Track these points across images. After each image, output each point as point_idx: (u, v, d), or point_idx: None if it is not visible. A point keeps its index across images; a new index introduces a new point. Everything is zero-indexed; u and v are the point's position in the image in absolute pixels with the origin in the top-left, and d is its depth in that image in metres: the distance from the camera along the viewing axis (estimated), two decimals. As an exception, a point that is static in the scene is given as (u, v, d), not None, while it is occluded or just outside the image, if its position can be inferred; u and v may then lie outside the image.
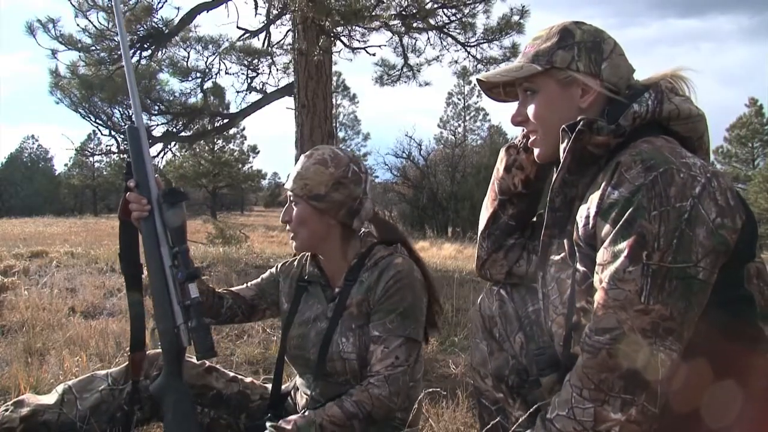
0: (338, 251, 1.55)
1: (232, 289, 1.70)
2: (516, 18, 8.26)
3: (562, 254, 1.13)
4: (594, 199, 1.03)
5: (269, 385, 1.69)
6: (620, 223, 0.96)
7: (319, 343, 1.51)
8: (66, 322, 3.35)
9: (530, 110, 1.17)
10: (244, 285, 1.73)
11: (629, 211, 0.95)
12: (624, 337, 0.93)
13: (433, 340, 2.92)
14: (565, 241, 1.12)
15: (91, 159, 39.78)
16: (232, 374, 1.70)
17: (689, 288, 0.93)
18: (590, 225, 1.03)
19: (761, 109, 32.84)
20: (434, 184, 21.72)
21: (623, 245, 0.95)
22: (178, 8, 11.17)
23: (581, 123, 1.05)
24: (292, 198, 1.51)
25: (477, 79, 1.24)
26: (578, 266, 1.06)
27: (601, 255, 0.99)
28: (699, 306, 0.95)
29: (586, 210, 1.04)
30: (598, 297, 0.97)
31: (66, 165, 44.28)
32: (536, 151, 1.20)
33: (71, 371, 2.32)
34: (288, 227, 1.53)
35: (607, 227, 0.98)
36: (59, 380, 2.22)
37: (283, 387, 1.69)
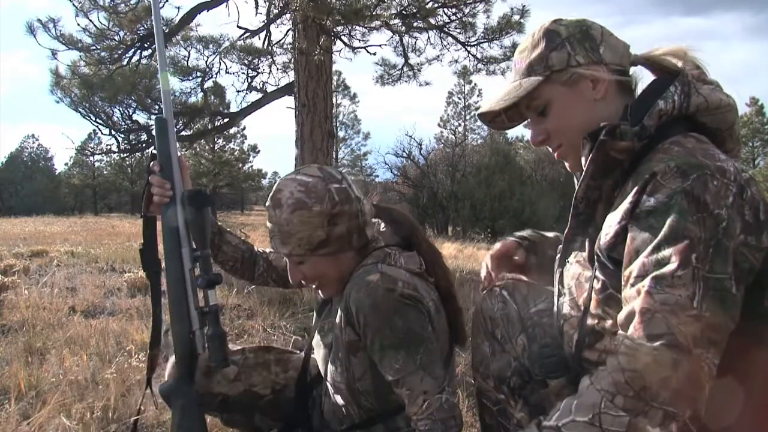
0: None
1: (269, 255, 1.61)
2: (516, 18, 8.26)
3: (584, 254, 1.08)
4: (623, 208, 0.96)
5: (278, 369, 1.58)
6: (662, 230, 0.89)
7: (324, 364, 1.42)
8: (66, 322, 3.35)
9: (548, 125, 1.10)
10: None
11: (672, 215, 0.88)
12: (676, 343, 0.83)
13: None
14: (587, 241, 1.08)
15: (91, 158, 39.87)
16: (233, 371, 1.56)
17: (724, 301, 0.86)
18: (614, 234, 0.97)
19: (762, 108, 32.83)
20: (434, 184, 21.71)
21: (669, 251, 0.87)
22: (179, 8, 11.21)
23: (603, 131, 0.98)
24: (295, 260, 1.32)
25: (478, 116, 1.17)
26: (597, 274, 1.01)
27: (640, 265, 0.90)
28: (733, 321, 0.88)
29: (613, 220, 0.98)
30: (641, 302, 0.88)
31: (66, 164, 44.45)
32: (567, 164, 1.14)
33: (71, 370, 2.32)
34: (304, 283, 1.36)
35: (643, 235, 0.91)
36: (60, 380, 2.22)
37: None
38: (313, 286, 1.36)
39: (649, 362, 0.84)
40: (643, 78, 1.10)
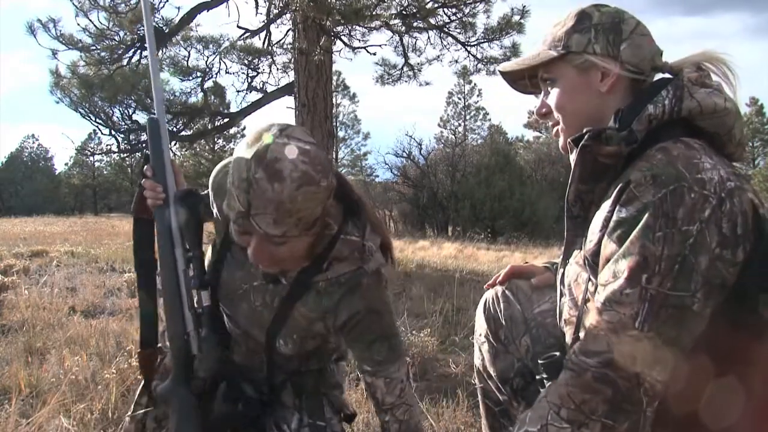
0: (309, 243, 1.20)
1: None
2: (516, 18, 8.28)
3: (582, 254, 1.09)
4: (601, 215, 0.98)
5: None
6: (625, 243, 0.91)
7: (254, 324, 1.32)
8: (66, 322, 3.34)
9: (550, 100, 1.11)
10: None
11: (635, 230, 0.90)
12: (613, 362, 0.88)
13: (433, 339, 2.93)
14: (584, 243, 1.08)
15: (91, 158, 39.91)
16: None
17: (682, 318, 0.88)
18: (597, 242, 0.98)
19: (762, 108, 32.88)
20: (434, 184, 21.73)
21: (624, 265, 0.90)
22: (179, 8, 11.22)
23: (586, 136, 0.99)
24: (278, 240, 1.09)
25: (499, 71, 1.20)
26: (591, 277, 1.03)
27: (604, 275, 0.93)
28: (689, 336, 0.89)
29: (595, 227, 1.00)
30: (591, 317, 0.93)
31: (66, 164, 44.53)
32: (560, 141, 1.14)
33: (71, 371, 2.31)
34: (261, 264, 1.19)
35: (612, 246, 0.93)
36: (60, 380, 2.22)
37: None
38: (270, 268, 1.19)
39: (588, 378, 0.90)
40: None
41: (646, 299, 0.88)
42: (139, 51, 8.34)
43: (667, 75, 1.07)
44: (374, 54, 7.95)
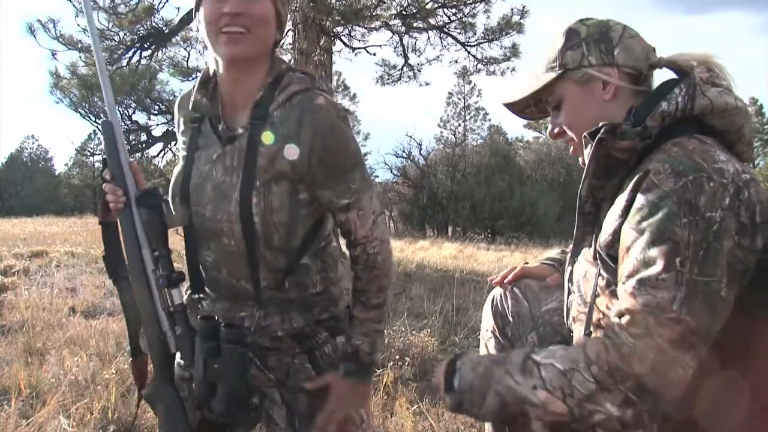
0: (263, 72, 1.27)
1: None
2: (516, 18, 8.29)
3: (591, 251, 1.10)
4: (618, 206, 0.99)
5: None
6: (650, 230, 0.92)
7: (222, 198, 1.25)
8: (66, 322, 3.35)
9: (560, 120, 1.14)
10: None
11: (659, 217, 0.91)
12: (652, 345, 0.88)
13: (433, 339, 2.93)
14: (593, 239, 1.10)
15: (91, 159, 39.85)
16: None
17: (713, 303, 0.89)
18: (611, 232, 0.99)
19: (761, 108, 32.85)
20: (434, 184, 21.75)
21: (655, 252, 0.90)
22: (179, 8, 11.20)
23: (602, 130, 1.01)
24: None
25: (504, 105, 1.22)
26: (601, 271, 1.03)
27: (630, 264, 0.93)
28: (719, 322, 0.90)
29: (610, 218, 1.01)
30: (627, 302, 0.92)
31: (66, 165, 44.46)
32: (580, 159, 1.16)
33: (71, 371, 2.32)
34: (234, 23, 1.18)
35: (632, 234, 0.94)
36: (59, 380, 2.23)
37: None
38: (240, 30, 1.18)
39: (626, 354, 0.89)
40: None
41: (682, 283, 0.88)
42: (138, 51, 8.35)
43: (672, 74, 1.09)
44: (374, 54, 7.98)
